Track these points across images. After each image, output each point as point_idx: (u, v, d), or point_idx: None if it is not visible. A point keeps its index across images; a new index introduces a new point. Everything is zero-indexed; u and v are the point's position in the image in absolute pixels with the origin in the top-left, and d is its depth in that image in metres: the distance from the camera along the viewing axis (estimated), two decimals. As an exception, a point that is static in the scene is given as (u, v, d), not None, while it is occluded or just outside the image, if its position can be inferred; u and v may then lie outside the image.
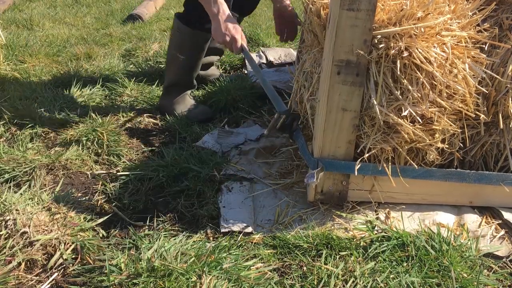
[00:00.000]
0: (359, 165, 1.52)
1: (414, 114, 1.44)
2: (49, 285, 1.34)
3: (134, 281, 1.26)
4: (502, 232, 1.59)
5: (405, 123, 1.45)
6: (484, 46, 1.53)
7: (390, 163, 1.55)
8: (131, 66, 3.03)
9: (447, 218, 1.63)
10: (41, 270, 1.38)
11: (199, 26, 2.20)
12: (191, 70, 2.36)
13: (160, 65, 2.96)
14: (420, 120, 1.46)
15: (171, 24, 4.02)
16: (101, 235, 1.53)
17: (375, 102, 1.43)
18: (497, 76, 1.52)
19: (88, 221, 1.55)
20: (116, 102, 2.50)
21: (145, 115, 2.39)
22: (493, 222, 1.63)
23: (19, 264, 1.37)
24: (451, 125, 1.50)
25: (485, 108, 1.56)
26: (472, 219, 1.63)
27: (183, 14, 2.26)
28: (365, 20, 1.37)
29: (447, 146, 1.56)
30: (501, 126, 1.56)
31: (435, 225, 1.58)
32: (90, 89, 2.60)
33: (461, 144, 1.59)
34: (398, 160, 1.56)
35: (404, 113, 1.43)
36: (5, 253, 1.37)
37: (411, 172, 1.57)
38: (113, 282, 1.26)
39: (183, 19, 2.24)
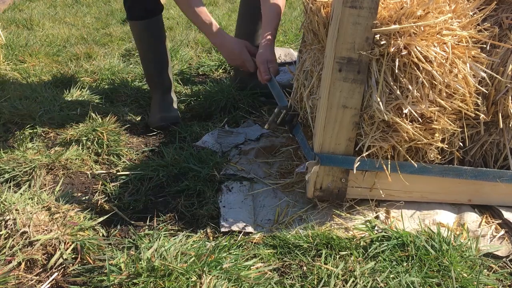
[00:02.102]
0: (358, 163, 1.52)
1: (414, 113, 1.44)
2: (49, 285, 1.34)
3: (134, 281, 1.26)
4: (502, 231, 1.59)
5: (404, 122, 1.45)
6: (485, 45, 1.53)
7: (389, 161, 1.55)
8: (131, 66, 3.03)
9: (447, 218, 1.63)
10: (41, 270, 1.38)
11: (130, 16, 2.26)
12: (149, 63, 2.34)
13: (160, 65, 2.96)
14: (419, 119, 1.46)
15: (169, 24, 4.03)
16: (101, 235, 1.53)
17: (375, 100, 1.43)
18: (497, 76, 1.52)
19: (88, 221, 1.55)
20: (116, 102, 2.50)
21: (145, 115, 2.39)
22: (493, 222, 1.63)
23: (19, 264, 1.37)
24: (450, 125, 1.50)
25: (485, 108, 1.56)
26: (472, 219, 1.63)
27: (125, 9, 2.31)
28: (367, 17, 1.37)
29: (446, 145, 1.56)
30: (501, 125, 1.56)
31: (435, 224, 1.58)
32: (90, 89, 2.60)
33: (461, 144, 1.59)
34: (397, 159, 1.56)
35: (404, 112, 1.43)
36: (5, 253, 1.37)
37: (408, 167, 1.57)
38: (113, 282, 1.26)
39: (126, 13, 2.30)
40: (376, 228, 1.55)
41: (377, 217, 1.61)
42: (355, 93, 1.46)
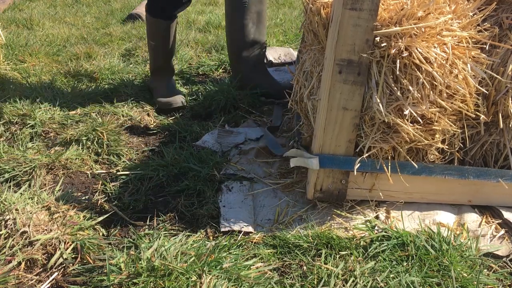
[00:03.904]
0: (358, 164, 1.52)
1: (415, 114, 1.44)
2: (49, 284, 1.34)
3: (134, 280, 1.26)
4: (502, 231, 1.59)
5: (405, 123, 1.45)
6: (485, 46, 1.53)
7: (389, 162, 1.55)
8: (131, 66, 3.03)
9: (447, 218, 1.63)
10: (41, 269, 1.38)
11: (159, 14, 2.40)
12: (163, 54, 2.52)
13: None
14: (420, 120, 1.46)
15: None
16: (101, 235, 1.53)
17: (376, 102, 1.43)
18: (497, 76, 1.52)
19: (87, 220, 1.55)
20: (116, 102, 2.50)
21: (145, 115, 2.39)
22: (493, 222, 1.63)
23: (19, 263, 1.37)
24: (451, 126, 1.50)
25: (485, 108, 1.56)
26: (472, 219, 1.63)
27: (147, 4, 2.46)
28: (367, 19, 1.37)
29: (447, 146, 1.56)
30: (501, 125, 1.56)
31: (435, 224, 1.58)
32: (90, 89, 2.60)
33: (461, 144, 1.60)
34: (397, 160, 1.56)
35: (405, 113, 1.43)
36: (5, 252, 1.38)
37: (410, 168, 1.57)
38: (113, 282, 1.26)
39: (148, 8, 2.45)
40: (376, 228, 1.55)
41: (377, 217, 1.61)
42: (355, 95, 1.46)
